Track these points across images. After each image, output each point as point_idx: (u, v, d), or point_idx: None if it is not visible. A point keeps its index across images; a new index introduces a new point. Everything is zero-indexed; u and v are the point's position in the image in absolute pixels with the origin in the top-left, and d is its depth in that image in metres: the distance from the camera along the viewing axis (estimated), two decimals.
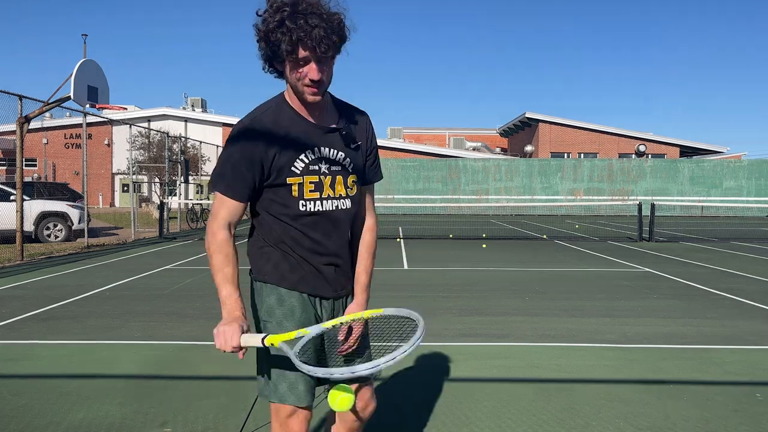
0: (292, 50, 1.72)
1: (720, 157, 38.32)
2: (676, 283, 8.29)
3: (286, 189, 1.88)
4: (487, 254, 11.94)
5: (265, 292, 1.94)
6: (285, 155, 1.85)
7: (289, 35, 1.70)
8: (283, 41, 1.71)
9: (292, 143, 1.86)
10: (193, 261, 10.73)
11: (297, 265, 1.93)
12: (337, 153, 1.92)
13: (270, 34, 1.73)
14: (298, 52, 1.73)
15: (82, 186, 13.85)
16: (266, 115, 1.87)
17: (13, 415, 3.41)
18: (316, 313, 1.96)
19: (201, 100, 44.38)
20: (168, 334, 5.31)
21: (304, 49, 1.72)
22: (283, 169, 1.85)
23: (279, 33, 1.71)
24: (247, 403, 3.57)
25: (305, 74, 1.77)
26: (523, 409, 3.55)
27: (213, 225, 1.89)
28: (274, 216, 1.92)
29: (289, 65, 1.78)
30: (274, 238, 1.93)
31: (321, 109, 1.91)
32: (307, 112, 1.89)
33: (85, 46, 14.30)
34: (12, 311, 6.28)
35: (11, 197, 13.00)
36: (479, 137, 49.55)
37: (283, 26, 1.70)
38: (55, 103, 11.84)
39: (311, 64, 1.76)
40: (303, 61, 1.75)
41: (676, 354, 4.76)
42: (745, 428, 3.27)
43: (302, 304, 1.93)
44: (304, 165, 1.87)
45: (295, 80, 1.79)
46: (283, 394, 1.87)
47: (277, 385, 1.88)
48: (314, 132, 1.89)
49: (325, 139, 1.90)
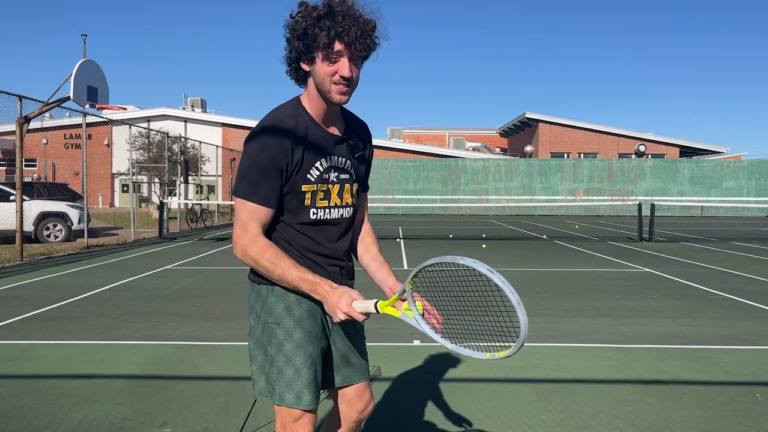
0: (329, 43, 1.75)
1: (720, 157, 38.32)
2: (676, 284, 8.29)
3: (300, 196, 1.87)
4: (487, 254, 11.94)
5: (272, 298, 1.91)
6: (304, 162, 1.85)
7: (327, 29, 1.74)
8: (321, 35, 1.75)
9: (310, 150, 1.86)
10: (193, 261, 10.73)
11: None
12: (345, 162, 1.95)
13: (308, 28, 1.77)
14: (333, 45, 1.76)
15: (81, 186, 13.84)
16: (289, 119, 1.85)
17: (13, 415, 3.41)
18: (323, 317, 1.96)
19: (201, 101, 44.34)
20: (168, 334, 5.31)
21: (341, 43, 1.76)
22: (299, 176, 1.85)
23: (317, 27, 1.75)
24: (247, 403, 3.57)
25: (337, 70, 1.78)
26: (523, 409, 3.55)
27: (244, 238, 1.82)
28: (282, 222, 1.91)
29: (321, 61, 1.79)
30: (282, 245, 1.92)
31: (333, 118, 1.93)
32: (321, 119, 1.91)
33: (84, 46, 14.26)
34: (12, 311, 6.28)
35: (11, 197, 13.00)
36: (479, 137, 49.54)
37: (322, 21, 1.75)
38: (55, 103, 11.84)
39: (344, 60, 1.78)
40: (336, 55, 1.77)
41: (676, 354, 4.77)
42: (745, 428, 3.27)
43: (310, 311, 1.92)
44: (318, 173, 1.88)
45: (325, 76, 1.80)
46: (289, 399, 1.87)
47: (283, 389, 1.87)
48: (328, 140, 1.91)
49: (336, 149, 1.93)
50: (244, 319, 5.95)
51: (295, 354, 1.87)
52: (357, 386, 2.05)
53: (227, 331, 5.45)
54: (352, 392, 2.05)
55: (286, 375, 1.87)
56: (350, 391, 2.05)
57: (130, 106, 41.50)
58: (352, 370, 2.03)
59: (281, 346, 1.88)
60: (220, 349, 4.84)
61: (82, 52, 13.78)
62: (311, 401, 1.88)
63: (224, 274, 9.06)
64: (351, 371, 2.03)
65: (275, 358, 1.88)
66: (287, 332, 1.89)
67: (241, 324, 5.72)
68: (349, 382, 2.03)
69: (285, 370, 1.87)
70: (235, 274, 9.15)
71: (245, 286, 8.06)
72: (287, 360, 1.86)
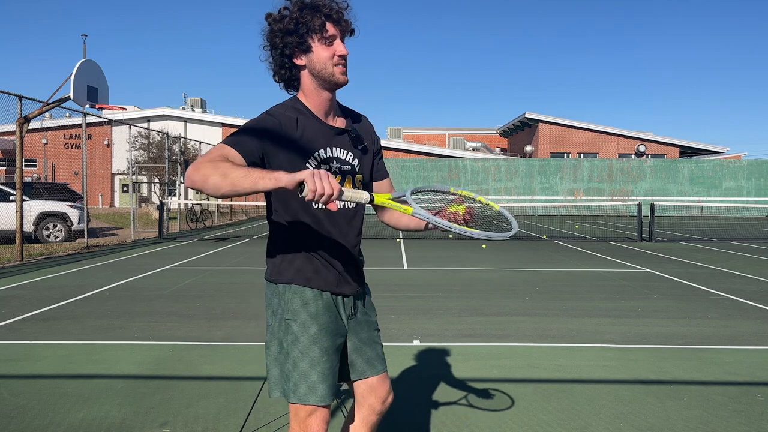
0: (322, 24, 1.86)
1: (720, 158, 38.32)
2: (676, 284, 8.29)
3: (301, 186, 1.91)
4: (487, 254, 11.94)
5: (289, 295, 1.95)
6: (300, 149, 1.90)
7: (318, 12, 1.86)
8: (314, 19, 1.85)
9: (307, 139, 1.92)
10: (193, 261, 10.73)
11: (320, 266, 1.97)
12: (346, 153, 2.00)
13: (299, 18, 1.86)
14: (326, 28, 1.87)
15: (81, 186, 13.84)
16: (288, 110, 1.93)
17: (13, 415, 3.40)
18: (338, 313, 2.00)
19: (201, 101, 44.33)
20: (168, 334, 5.31)
21: (332, 24, 1.88)
22: (297, 163, 1.88)
23: (307, 14, 1.85)
24: (247, 403, 3.57)
25: (335, 51, 1.89)
26: (523, 409, 3.55)
27: (199, 160, 1.71)
28: (292, 217, 1.95)
29: (318, 45, 1.88)
30: (295, 240, 1.96)
31: (332, 111, 2.00)
32: (321, 113, 1.97)
33: (84, 47, 14.26)
34: (12, 311, 6.28)
35: (11, 197, 13.00)
36: (479, 137, 49.53)
37: (308, 8, 1.86)
38: (55, 103, 11.83)
39: (338, 41, 1.90)
40: (330, 38, 1.88)
41: (676, 354, 4.77)
42: (745, 428, 3.27)
43: (326, 306, 1.96)
44: (317, 163, 1.93)
45: (326, 60, 1.88)
46: (303, 394, 1.89)
47: (298, 385, 1.89)
48: (327, 132, 1.97)
49: (336, 140, 1.98)
50: (244, 319, 5.95)
51: (310, 348, 1.90)
52: (376, 378, 2.08)
53: (227, 331, 5.45)
54: (370, 384, 2.09)
55: (301, 368, 1.90)
56: (369, 383, 2.08)
57: (130, 106, 41.49)
58: (370, 362, 2.07)
59: (297, 340, 1.91)
60: (220, 349, 4.84)
61: (82, 52, 13.78)
62: (325, 395, 1.90)
63: (224, 274, 9.06)
64: (368, 364, 2.07)
65: (290, 352, 1.91)
66: (303, 327, 1.92)
67: (241, 324, 5.72)
68: (367, 375, 2.07)
69: (299, 363, 1.90)
70: (235, 274, 9.16)
71: (245, 286, 8.10)
72: (302, 353, 1.89)
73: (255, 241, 14.92)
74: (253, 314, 6.16)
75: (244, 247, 13.34)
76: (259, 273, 9.23)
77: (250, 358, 4.57)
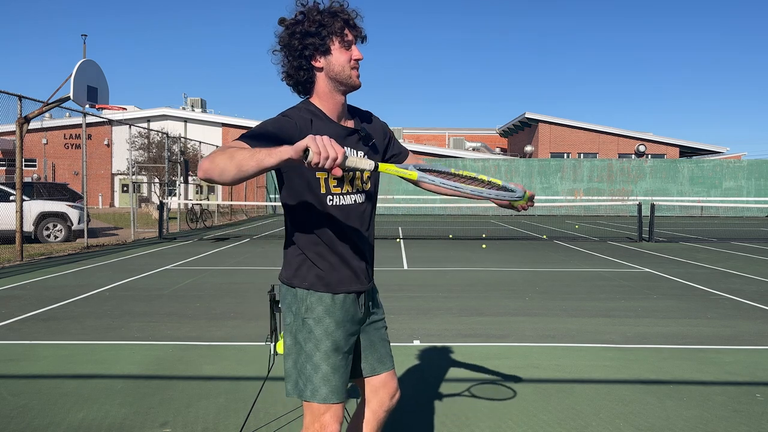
0: (342, 28, 1.92)
1: (720, 158, 38.32)
2: (676, 284, 8.29)
3: (315, 182, 1.96)
4: (487, 254, 11.94)
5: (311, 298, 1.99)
6: None
7: (337, 17, 1.93)
8: (334, 22, 1.91)
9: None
10: (193, 261, 10.73)
11: (338, 265, 2.01)
12: (357, 153, 2.05)
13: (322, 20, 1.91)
14: (346, 32, 1.94)
15: (81, 186, 13.84)
16: (302, 112, 1.96)
17: (13, 415, 3.41)
18: (355, 311, 2.05)
19: (201, 101, 44.32)
20: (168, 334, 5.31)
21: (349, 29, 1.95)
22: None
23: (327, 18, 1.91)
24: (247, 403, 3.57)
25: (351, 55, 1.96)
26: (523, 409, 3.55)
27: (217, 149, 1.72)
28: (308, 216, 1.98)
29: (336, 50, 1.93)
30: (311, 242, 1.99)
31: (344, 113, 2.04)
32: (334, 115, 2.01)
33: (84, 47, 14.25)
34: (12, 311, 6.28)
35: (11, 197, 12.99)
36: (479, 137, 49.53)
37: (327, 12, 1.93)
38: (55, 103, 11.83)
39: (354, 46, 1.98)
40: (349, 43, 1.95)
41: (676, 354, 4.77)
42: (745, 428, 3.27)
43: (344, 306, 2.01)
44: None
45: (345, 63, 1.94)
46: (317, 391, 1.93)
47: (312, 382, 1.94)
48: (339, 132, 2.01)
49: (348, 140, 2.03)
50: (244, 319, 5.95)
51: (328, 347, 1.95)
52: (383, 375, 2.13)
53: (227, 331, 5.45)
54: (378, 381, 2.12)
55: (312, 365, 1.94)
56: (377, 381, 2.12)
57: (130, 106, 41.49)
58: (381, 359, 2.12)
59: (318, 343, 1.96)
60: (220, 349, 4.84)
61: (83, 52, 13.78)
62: (339, 392, 1.94)
63: (224, 274, 9.06)
64: (379, 361, 2.12)
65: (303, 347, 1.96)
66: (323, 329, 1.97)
67: (241, 324, 5.72)
68: (378, 371, 2.12)
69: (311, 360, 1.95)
70: (235, 274, 9.16)
71: (245, 286, 8.10)
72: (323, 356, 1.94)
73: (255, 241, 14.92)
74: (253, 314, 6.16)
75: (244, 247, 13.34)
76: (259, 273, 9.24)
77: (250, 358, 4.57)
